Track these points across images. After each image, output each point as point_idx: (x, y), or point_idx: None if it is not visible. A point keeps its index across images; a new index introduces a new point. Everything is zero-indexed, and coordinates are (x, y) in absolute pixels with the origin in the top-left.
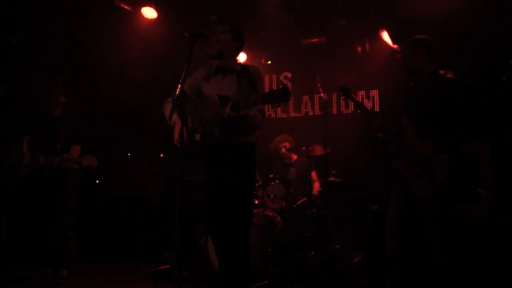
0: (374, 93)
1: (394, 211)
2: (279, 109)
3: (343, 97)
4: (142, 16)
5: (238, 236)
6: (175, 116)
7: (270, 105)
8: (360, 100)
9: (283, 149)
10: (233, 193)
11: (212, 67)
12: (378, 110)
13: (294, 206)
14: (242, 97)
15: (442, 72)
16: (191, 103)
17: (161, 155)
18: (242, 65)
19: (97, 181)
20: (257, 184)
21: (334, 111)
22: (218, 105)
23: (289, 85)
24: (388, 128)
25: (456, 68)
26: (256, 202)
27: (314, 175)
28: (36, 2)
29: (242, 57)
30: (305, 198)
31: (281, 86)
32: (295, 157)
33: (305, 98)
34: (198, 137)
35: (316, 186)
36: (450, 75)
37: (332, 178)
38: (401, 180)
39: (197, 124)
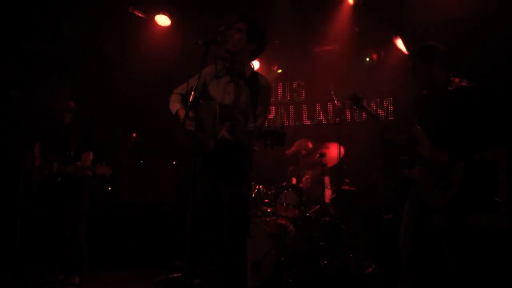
0: (389, 101)
1: (408, 221)
2: (292, 117)
3: (354, 106)
4: (155, 23)
5: (236, 243)
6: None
7: (260, 142)
8: (374, 108)
9: (304, 151)
10: (231, 199)
11: (223, 66)
12: (392, 119)
13: (307, 214)
14: (243, 111)
15: (456, 80)
16: (199, 105)
17: (173, 162)
18: (253, 72)
19: (109, 188)
20: (269, 192)
21: (348, 119)
22: (218, 118)
23: (303, 92)
24: (401, 137)
25: (469, 75)
26: (269, 210)
27: (326, 179)
28: (50, 10)
29: (255, 65)
30: (318, 206)
31: (279, 129)
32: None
33: (318, 106)
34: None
35: (328, 193)
36: (465, 83)
37: (346, 187)
38: (415, 189)
39: (196, 128)
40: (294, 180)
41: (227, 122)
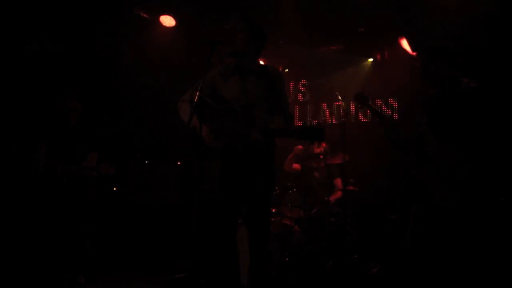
0: (393, 101)
1: (416, 221)
2: (297, 117)
3: (359, 106)
4: (160, 24)
5: (261, 242)
6: (195, 121)
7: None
8: (378, 109)
9: (316, 149)
10: (256, 196)
11: (230, 66)
12: (397, 118)
13: (312, 215)
14: (261, 105)
15: (465, 80)
16: (210, 108)
17: (179, 163)
18: (261, 66)
19: (115, 189)
20: (274, 193)
21: (352, 119)
22: (243, 120)
23: (307, 93)
24: (407, 136)
25: (477, 74)
26: (274, 210)
27: (338, 182)
28: (54, 11)
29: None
30: (319, 207)
31: (316, 125)
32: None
33: (323, 106)
34: (217, 144)
35: (337, 194)
36: (473, 84)
37: (351, 187)
38: (422, 189)
39: (217, 133)
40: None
41: (254, 123)
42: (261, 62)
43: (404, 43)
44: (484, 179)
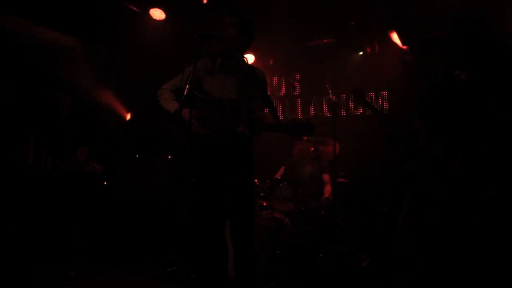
0: (384, 94)
1: (406, 214)
2: (287, 111)
3: (357, 101)
4: (150, 17)
5: (243, 233)
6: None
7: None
8: (374, 104)
9: (299, 145)
10: (236, 188)
11: (217, 62)
12: (387, 112)
13: (303, 208)
14: (244, 104)
15: (456, 72)
16: (197, 99)
17: (169, 157)
18: (249, 66)
19: (105, 183)
20: (265, 186)
21: (343, 112)
22: (229, 112)
23: (297, 86)
24: (400, 130)
25: (467, 67)
26: (265, 204)
27: (326, 177)
28: (44, 3)
29: (250, 59)
30: (313, 200)
31: (305, 121)
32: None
33: (314, 99)
34: (202, 131)
35: (328, 189)
36: (464, 76)
37: (341, 180)
38: (414, 182)
39: (201, 123)
40: (281, 170)
41: (240, 116)
42: (249, 61)
43: (394, 37)
44: (474, 172)
